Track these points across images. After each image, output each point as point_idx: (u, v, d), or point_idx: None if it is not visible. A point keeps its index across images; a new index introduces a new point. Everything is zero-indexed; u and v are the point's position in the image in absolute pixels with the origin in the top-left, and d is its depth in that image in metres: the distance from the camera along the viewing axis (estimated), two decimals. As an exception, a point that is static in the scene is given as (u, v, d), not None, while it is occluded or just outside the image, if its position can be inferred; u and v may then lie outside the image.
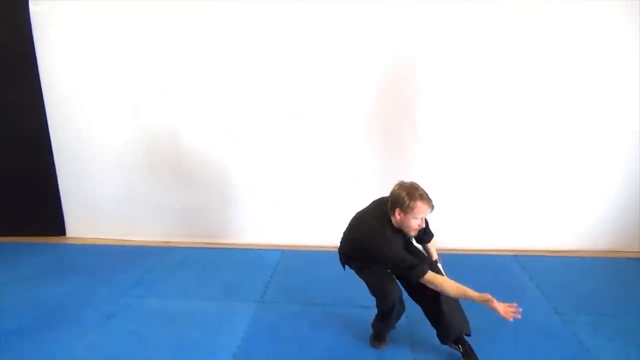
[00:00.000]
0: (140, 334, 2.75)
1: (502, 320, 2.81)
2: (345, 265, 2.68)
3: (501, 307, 2.18)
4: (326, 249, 3.80)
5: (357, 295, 3.15)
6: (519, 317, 2.17)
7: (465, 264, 3.66)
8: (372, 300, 3.03)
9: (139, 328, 2.81)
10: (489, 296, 2.18)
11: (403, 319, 2.79)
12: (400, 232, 2.38)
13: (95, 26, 3.77)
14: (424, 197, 2.28)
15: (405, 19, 3.56)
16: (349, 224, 2.61)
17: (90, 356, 2.55)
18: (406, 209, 2.26)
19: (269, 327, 2.82)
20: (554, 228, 3.90)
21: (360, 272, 2.57)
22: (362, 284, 3.30)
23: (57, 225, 4.26)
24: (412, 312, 2.92)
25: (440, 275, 2.38)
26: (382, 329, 2.63)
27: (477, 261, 3.72)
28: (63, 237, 4.29)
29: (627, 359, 2.49)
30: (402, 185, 2.34)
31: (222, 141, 3.94)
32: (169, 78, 3.82)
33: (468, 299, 2.24)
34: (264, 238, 4.09)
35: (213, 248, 4.05)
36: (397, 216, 2.30)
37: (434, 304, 2.44)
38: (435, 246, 2.72)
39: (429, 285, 2.28)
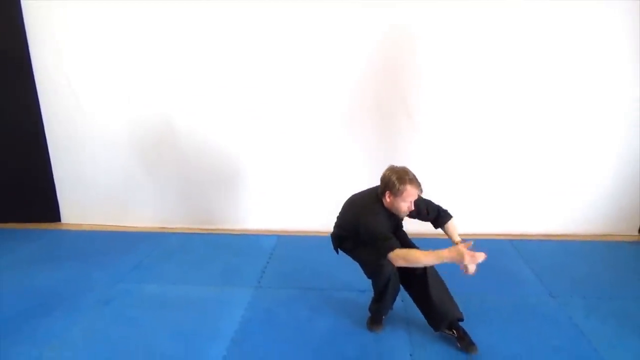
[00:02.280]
0: (137, 319, 2.75)
1: (496, 304, 2.86)
2: (338, 249, 2.70)
3: (468, 258, 2.24)
4: (322, 234, 3.79)
5: (353, 280, 3.17)
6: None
7: (461, 248, 3.68)
8: (368, 284, 3.04)
9: (136, 313, 2.81)
10: (461, 249, 2.25)
11: (399, 303, 2.81)
12: (392, 216, 2.43)
13: (88, 17, 3.71)
14: (414, 181, 2.34)
15: (404, 8, 3.52)
16: (343, 206, 2.65)
17: (88, 341, 2.55)
18: (396, 192, 2.32)
19: (266, 311, 2.83)
20: (549, 212, 3.92)
21: (352, 251, 2.60)
22: (359, 269, 3.32)
23: (52, 212, 4.24)
24: (408, 296, 2.95)
25: (411, 249, 2.39)
26: (378, 310, 2.63)
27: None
28: (58, 223, 4.28)
29: (621, 341, 2.52)
30: (392, 169, 2.39)
31: (217, 128, 3.91)
32: (163, 65, 3.78)
33: (445, 261, 2.26)
34: (261, 223, 4.09)
35: (210, 234, 4.05)
36: (387, 199, 2.37)
37: (423, 292, 2.48)
38: (455, 227, 2.66)
39: (401, 264, 2.30)
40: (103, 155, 4.05)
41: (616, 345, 2.48)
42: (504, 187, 3.88)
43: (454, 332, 2.49)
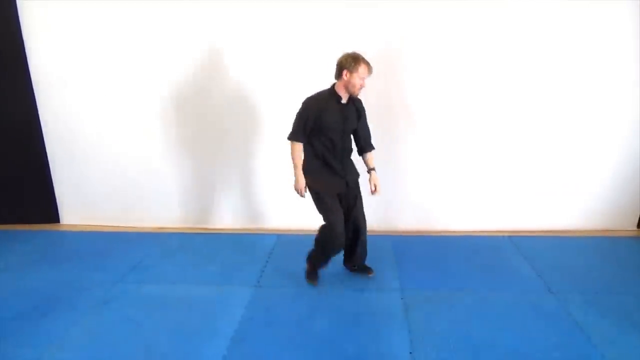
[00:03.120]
0: (136, 319, 2.75)
1: (495, 300, 2.87)
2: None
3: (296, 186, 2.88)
4: (322, 233, 3.82)
5: (353, 278, 3.18)
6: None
7: (460, 245, 3.69)
8: (367, 283, 3.06)
9: (135, 313, 2.81)
10: (301, 184, 2.87)
11: (399, 301, 2.82)
12: (345, 107, 2.82)
13: (84, 18, 3.70)
14: (366, 61, 2.70)
15: (402, 7, 3.52)
16: None
17: (87, 342, 2.55)
18: (352, 69, 2.67)
19: (266, 310, 2.83)
20: (548, 208, 3.92)
21: (314, 200, 2.95)
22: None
23: (51, 213, 4.24)
24: (409, 294, 2.95)
25: (298, 151, 2.86)
26: (318, 260, 3.07)
27: (472, 243, 3.74)
28: (57, 224, 4.27)
29: (621, 337, 2.52)
30: (346, 53, 2.74)
31: (216, 128, 3.91)
32: (161, 65, 3.77)
33: (295, 170, 2.86)
34: (260, 223, 4.09)
35: (208, 233, 4.05)
36: (344, 77, 2.71)
37: (354, 245, 3.09)
38: (372, 157, 3.07)
39: (291, 149, 2.85)
40: (101, 156, 4.05)
41: (615, 341, 2.48)
42: (504, 184, 3.88)
43: (361, 267, 3.20)
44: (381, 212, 3.98)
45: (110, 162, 4.06)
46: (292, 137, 2.84)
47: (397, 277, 3.19)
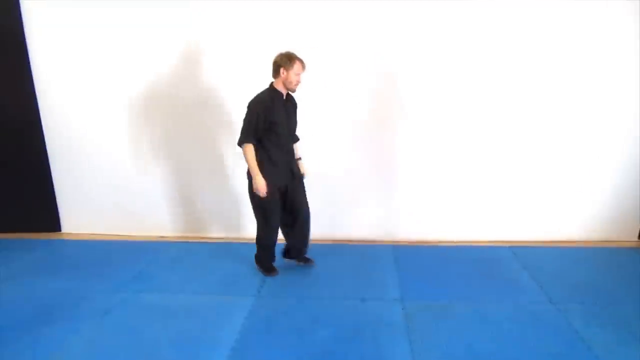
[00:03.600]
0: (137, 329, 2.75)
1: (496, 310, 2.87)
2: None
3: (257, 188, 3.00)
4: (323, 242, 3.82)
5: (353, 289, 3.18)
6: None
7: (461, 256, 3.69)
8: (369, 292, 3.06)
9: (136, 323, 2.81)
10: (260, 184, 2.98)
11: (400, 311, 2.83)
12: (286, 103, 3.05)
13: (87, 23, 3.73)
14: (300, 58, 2.95)
15: (402, 8, 3.56)
16: None
17: (87, 351, 2.55)
18: (288, 66, 2.92)
19: (266, 320, 2.83)
20: (548, 218, 3.93)
21: (253, 197, 3.14)
22: (359, 277, 3.34)
23: (52, 221, 4.25)
24: (409, 304, 2.95)
25: (252, 153, 2.99)
26: (264, 257, 3.34)
27: (473, 253, 3.74)
28: (58, 232, 4.28)
29: (621, 348, 2.52)
30: (280, 53, 2.96)
31: (217, 136, 3.93)
32: (164, 72, 3.80)
33: (252, 172, 2.99)
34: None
35: (209, 243, 4.05)
36: (282, 74, 2.94)
37: (300, 234, 3.34)
38: (298, 148, 3.32)
39: (244, 154, 2.99)
40: (104, 165, 4.06)
41: (616, 352, 2.48)
42: (505, 194, 3.89)
43: (301, 260, 3.48)
44: (382, 222, 3.99)
45: (112, 171, 4.07)
46: (244, 140, 2.98)
47: (398, 286, 3.19)
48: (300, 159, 3.33)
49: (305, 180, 3.34)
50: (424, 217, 3.97)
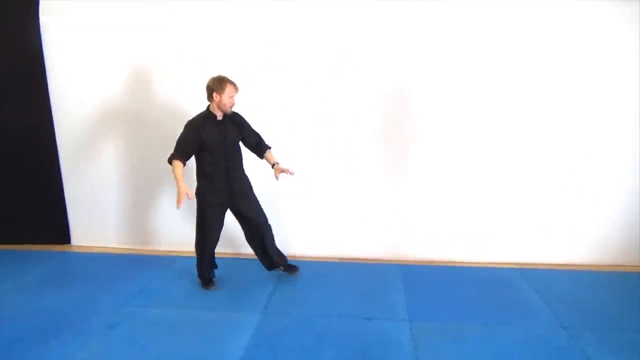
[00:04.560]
0: (143, 343, 2.73)
1: (506, 334, 2.82)
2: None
3: (178, 195, 3.01)
4: (329, 260, 3.81)
5: (359, 307, 3.15)
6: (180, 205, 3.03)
7: (470, 277, 3.65)
8: (376, 312, 3.03)
9: (141, 337, 2.80)
10: (182, 190, 3.00)
11: (407, 330, 2.79)
12: (221, 124, 3.14)
13: (103, 38, 3.83)
14: (231, 81, 3.07)
15: (409, 18, 3.61)
16: None
17: (93, 365, 2.54)
18: (220, 90, 3.03)
19: (272, 337, 2.80)
20: (560, 241, 3.88)
21: (197, 211, 3.29)
22: (366, 296, 3.31)
23: (62, 234, 4.28)
24: (417, 325, 2.91)
25: (179, 169, 3.05)
26: (201, 268, 3.42)
27: (483, 274, 3.69)
28: (68, 245, 4.31)
29: (634, 375, 2.46)
30: (212, 78, 3.07)
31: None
32: (174, 87, 3.86)
33: (177, 183, 3.03)
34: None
35: (217, 258, 4.03)
36: (215, 98, 3.06)
37: (262, 245, 3.47)
38: (271, 155, 3.41)
39: (173, 169, 3.07)
40: (114, 179, 4.11)
41: (630, 380, 2.42)
42: (515, 215, 3.86)
43: (282, 268, 3.58)
44: (390, 241, 3.97)
45: (122, 184, 4.11)
46: (172, 157, 3.08)
47: (406, 306, 3.16)
48: (276, 163, 3.35)
49: (293, 177, 3.33)
50: (432, 237, 3.94)
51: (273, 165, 3.35)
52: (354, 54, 3.68)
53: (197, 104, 3.83)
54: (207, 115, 3.14)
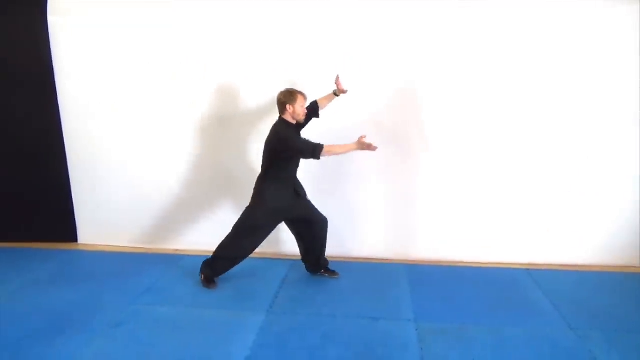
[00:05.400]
0: (148, 342, 2.74)
1: (513, 335, 2.80)
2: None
3: (363, 146, 3.05)
4: (336, 260, 3.79)
5: (365, 307, 3.14)
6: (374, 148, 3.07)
7: (476, 277, 3.63)
8: (382, 312, 3.01)
9: (147, 336, 2.81)
10: (362, 140, 3.05)
11: (413, 332, 2.78)
12: (294, 126, 3.21)
13: (111, 38, 3.84)
14: (300, 91, 3.16)
15: (414, 19, 3.60)
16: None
17: (99, 363, 2.55)
18: (293, 101, 3.12)
19: (278, 337, 2.80)
20: (568, 242, 3.85)
21: (247, 209, 3.31)
22: (372, 296, 3.29)
23: (69, 232, 4.30)
24: (423, 325, 2.90)
25: (331, 148, 3.07)
26: (223, 268, 3.42)
27: (489, 275, 3.67)
28: (74, 243, 4.33)
29: (644, 378, 2.43)
30: (281, 92, 3.17)
31: (233, 151, 3.96)
32: (181, 88, 3.87)
33: (353, 150, 3.09)
34: (274, 248, 4.07)
35: (223, 257, 4.05)
36: (289, 110, 3.13)
37: (319, 244, 3.48)
38: (320, 99, 3.49)
39: (328, 155, 3.07)
40: (121, 177, 4.11)
41: (639, 382, 2.39)
42: (523, 215, 3.83)
43: (325, 271, 3.60)
44: (396, 240, 3.95)
45: (129, 184, 4.12)
46: (319, 149, 3.04)
47: (412, 307, 3.14)
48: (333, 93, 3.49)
49: (346, 96, 3.48)
50: (439, 237, 3.92)
51: (333, 92, 3.48)
52: (358, 54, 3.67)
53: (203, 106, 3.89)
54: (289, 123, 3.19)
